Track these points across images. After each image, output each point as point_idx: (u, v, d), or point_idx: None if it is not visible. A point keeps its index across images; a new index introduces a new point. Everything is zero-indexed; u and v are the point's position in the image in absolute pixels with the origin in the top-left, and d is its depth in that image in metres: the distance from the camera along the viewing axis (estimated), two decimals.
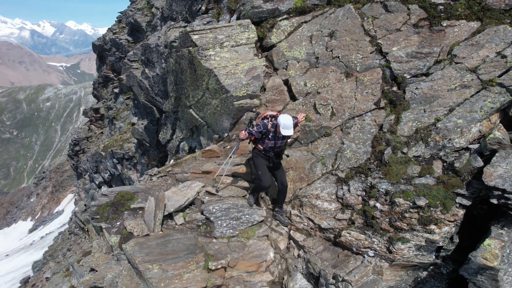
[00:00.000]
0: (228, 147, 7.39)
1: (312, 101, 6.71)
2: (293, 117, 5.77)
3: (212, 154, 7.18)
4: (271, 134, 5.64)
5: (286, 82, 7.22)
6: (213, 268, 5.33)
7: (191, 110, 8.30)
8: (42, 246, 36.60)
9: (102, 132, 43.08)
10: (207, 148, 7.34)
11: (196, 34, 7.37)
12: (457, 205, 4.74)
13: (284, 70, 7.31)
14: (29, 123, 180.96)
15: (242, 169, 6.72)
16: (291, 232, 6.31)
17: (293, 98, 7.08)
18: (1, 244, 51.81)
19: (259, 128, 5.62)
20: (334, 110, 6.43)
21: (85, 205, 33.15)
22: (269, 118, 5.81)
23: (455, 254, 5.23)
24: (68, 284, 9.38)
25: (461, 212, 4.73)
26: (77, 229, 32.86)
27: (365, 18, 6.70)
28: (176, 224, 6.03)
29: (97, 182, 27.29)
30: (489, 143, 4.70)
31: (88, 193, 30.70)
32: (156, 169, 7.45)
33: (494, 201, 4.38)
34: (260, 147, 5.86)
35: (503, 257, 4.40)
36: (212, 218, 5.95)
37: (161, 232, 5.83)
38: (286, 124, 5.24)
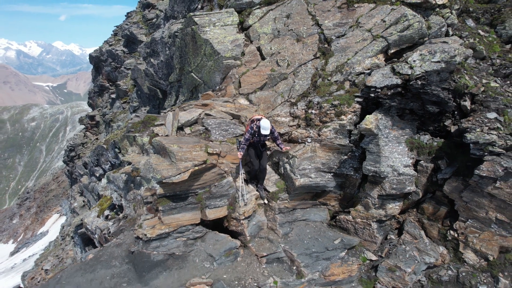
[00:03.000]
0: (219, 93, 10.62)
1: (275, 58, 10.08)
2: (272, 125, 8.38)
3: (208, 96, 10.39)
4: (256, 133, 8.50)
5: (258, 48, 10.60)
6: (211, 152, 8.42)
7: (192, 73, 11.56)
8: (25, 269, 35.46)
9: (97, 138, 45.44)
10: (205, 93, 10.55)
11: (197, 17, 10.74)
12: (355, 102, 8.08)
13: (257, 41, 10.70)
14: (13, 144, 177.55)
15: (230, 104, 9.95)
16: None
17: (263, 58, 10.44)
18: None
19: (249, 132, 8.40)
20: (289, 62, 9.80)
21: (83, 201, 35.05)
22: (255, 122, 8.52)
23: (360, 140, 8.48)
24: (97, 209, 12.16)
25: (357, 106, 8.08)
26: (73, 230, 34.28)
27: (309, 5, 10.22)
28: (185, 133, 9.15)
29: (97, 175, 29.72)
30: (372, 66, 8.11)
31: (87, 189, 32.96)
32: (168, 108, 10.60)
33: (372, 94, 7.73)
34: (251, 141, 8.71)
35: (377, 124, 7.70)
36: (209, 128, 9.10)
37: (176, 135, 8.94)
38: (264, 127, 8.05)
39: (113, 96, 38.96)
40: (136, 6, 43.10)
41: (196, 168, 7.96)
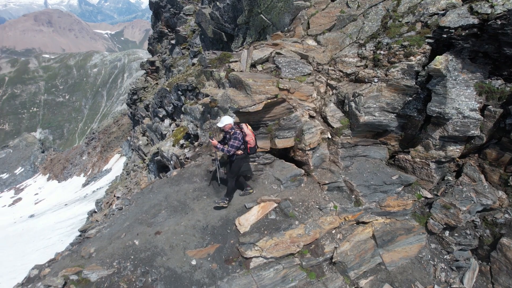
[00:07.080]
0: (288, 34, 11.14)
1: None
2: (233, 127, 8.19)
3: (278, 37, 10.99)
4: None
5: None
6: (281, 87, 9.21)
7: (261, 15, 12.08)
8: (94, 198, 40.41)
9: (157, 83, 48.11)
10: (274, 33, 11.14)
11: None
12: (426, 43, 8.23)
13: None
14: (79, 88, 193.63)
15: (298, 45, 10.47)
16: (328, 80, 10.07)
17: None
18: (61, 195, 57.88)
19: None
20: (359, 3, 9.96)
21: (146, 139, 38.29)
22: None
23: (427, 82, 8.70)
24: (172, 139, 13.77)
25: (428, 47, 8.24)
26: (136, 165, 37.82)
27: None
28: (257, 70, 9.98)
29: (160, 116, 32.32)
30: (448, 7, 8.09)
31: (150, 129, 36.13)
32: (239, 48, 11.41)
33: (445, 35, 7.84)
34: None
35: (447, 66, 7.89)
36: (280, 66, 9.81)
37: (249, 72, 9.81)
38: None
39: (173, 42, 40.44)
40: None
41: (269, 101, 8.86)
